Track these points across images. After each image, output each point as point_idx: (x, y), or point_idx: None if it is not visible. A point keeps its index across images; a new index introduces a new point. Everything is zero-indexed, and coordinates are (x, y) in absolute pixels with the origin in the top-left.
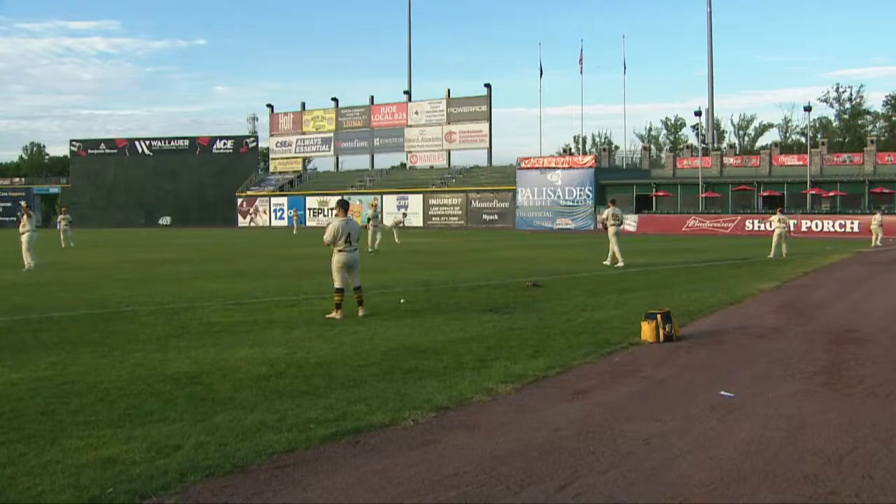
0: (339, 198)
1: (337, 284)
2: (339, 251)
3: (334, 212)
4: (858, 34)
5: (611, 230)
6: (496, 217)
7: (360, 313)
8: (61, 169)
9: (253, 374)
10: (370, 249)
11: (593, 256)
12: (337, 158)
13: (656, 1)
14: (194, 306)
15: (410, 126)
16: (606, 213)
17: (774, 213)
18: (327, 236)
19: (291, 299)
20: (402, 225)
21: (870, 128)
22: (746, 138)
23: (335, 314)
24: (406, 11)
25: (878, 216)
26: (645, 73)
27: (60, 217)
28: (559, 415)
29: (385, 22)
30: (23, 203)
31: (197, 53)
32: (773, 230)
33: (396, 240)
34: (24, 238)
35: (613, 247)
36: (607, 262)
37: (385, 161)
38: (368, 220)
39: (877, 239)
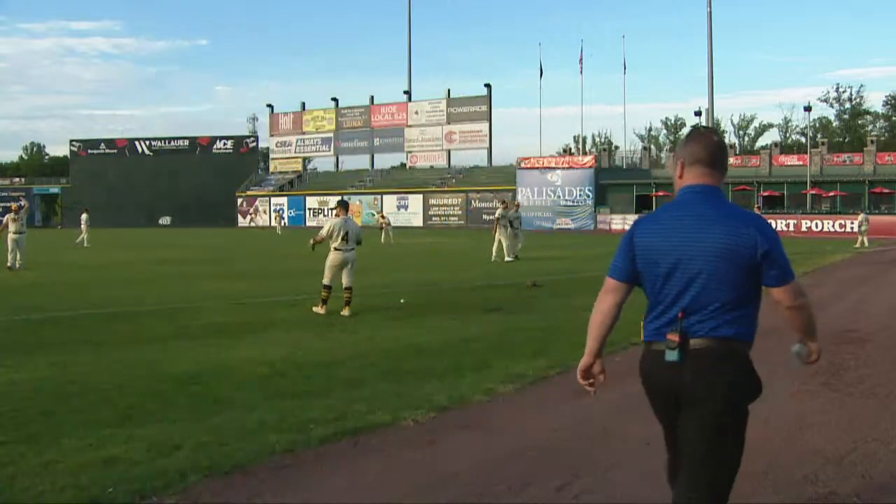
0: (340, 198)
1: (325, 281)
2: (336, 249)
3: (334, 211)
4: (858, 34)
5: (500, 230)
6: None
7: (345, 313)
8: (61, 169)
9: (253, 374)
10: (509, 257)
11: (593, 256)
12: (337, 158)
13: (656, 1)
14: (194, 306)
15: (410, 126)
16: (498, 213)
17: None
18: (323, 231)
19: (291, 299)
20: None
21: (870, 128)
22: (746, 138)
23: (320, 308)
24: (406, 11)
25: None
26: (645, 73)
27: (84, 217)
28: (559, 415)
29: (385, 22)
30: (23, 202)
31: (198, 54)
32: None
33: (392, 241)
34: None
35: (502, 240)
36: (495, 257)
37: (385, 161)
38: (510, 222)
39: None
